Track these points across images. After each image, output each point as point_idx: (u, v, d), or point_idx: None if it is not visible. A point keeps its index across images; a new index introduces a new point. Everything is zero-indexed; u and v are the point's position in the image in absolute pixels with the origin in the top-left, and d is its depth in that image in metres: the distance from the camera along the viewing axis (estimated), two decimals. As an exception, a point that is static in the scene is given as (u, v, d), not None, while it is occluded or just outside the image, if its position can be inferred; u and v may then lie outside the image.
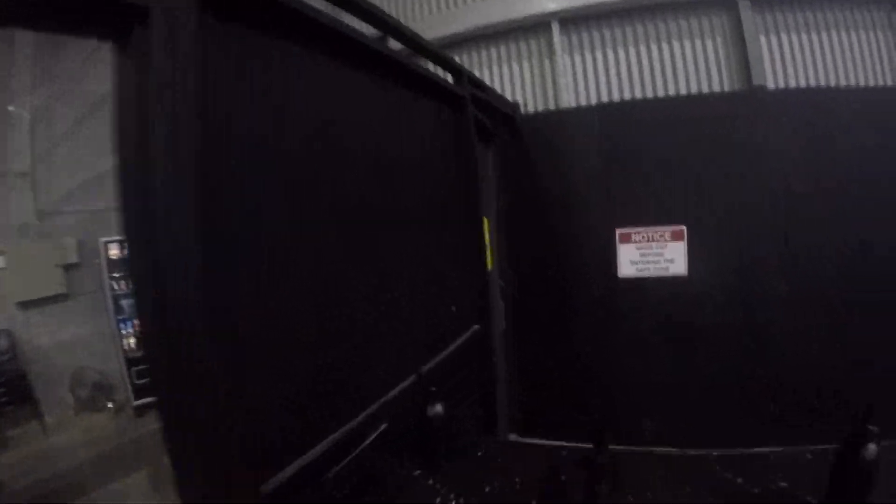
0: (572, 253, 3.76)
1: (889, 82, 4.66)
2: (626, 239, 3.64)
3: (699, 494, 1.46)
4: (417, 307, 2.20)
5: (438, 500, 1.71)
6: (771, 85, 3.98)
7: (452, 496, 1.69)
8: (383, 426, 1.76)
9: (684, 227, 3.54)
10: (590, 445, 1.97)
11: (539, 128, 3.81)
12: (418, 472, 1.75)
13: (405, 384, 2.01)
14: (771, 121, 3.48)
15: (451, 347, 2.46)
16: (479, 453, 2.28)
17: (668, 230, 3.57)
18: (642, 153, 3.61)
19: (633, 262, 3.65)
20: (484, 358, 2.92)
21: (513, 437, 3.58)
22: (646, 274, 3.64)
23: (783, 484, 1.48)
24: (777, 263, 3.50)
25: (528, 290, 3.79)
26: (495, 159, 3.59)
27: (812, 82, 4.20)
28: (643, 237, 3.62)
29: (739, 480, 1.47)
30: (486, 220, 3.10)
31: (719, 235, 3.55)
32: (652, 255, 3.63)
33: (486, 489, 1.81)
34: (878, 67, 4.73)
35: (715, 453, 1.62)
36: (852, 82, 4.08)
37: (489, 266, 3.15)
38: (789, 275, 3.49)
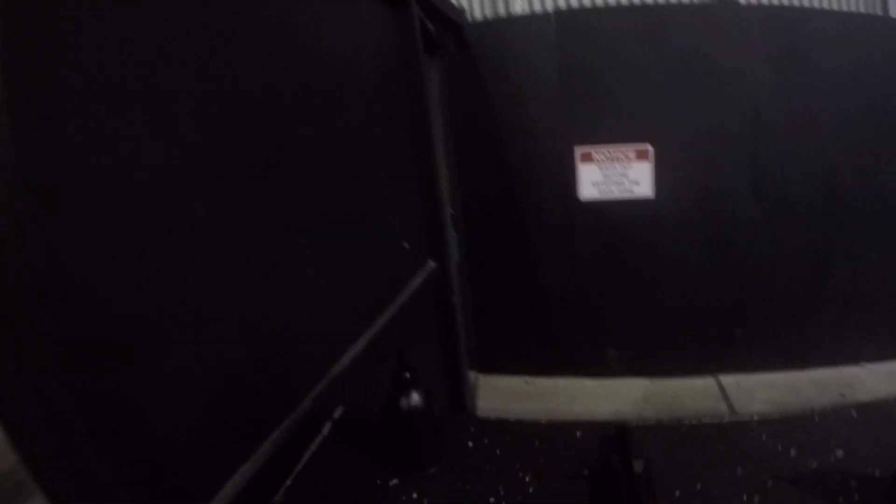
0: (528, 175, 3.48)
1: (863, 10, 4.56)
2: (588, 158, 3.37)
3: (754, 472, 1.22)
4: (362, 248, 1.84)
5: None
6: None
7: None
8: (339, 410, 1.43)
9: (649, 146, 3.30)
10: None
11: (489, 37, 3.40)
12: (395, 481, 1.39)
13: (358, 348, 1.64)
14: (742, 37, 3.25)
15: (408, 291, 2.13)
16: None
17: (632, 149, 3.33)
18: (603, 66, 3.29)
19: (595, 184, 3.40)
20: (442, 297, 2.60)
21: (472, 374, 3.37)
22: (609, 196, 3.40)
23: (839, 453, 1.23)
24: (746, 185, 3.38)
25: (481, 217, 3.50)
26: (440, 73, 3.18)
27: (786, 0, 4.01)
28: (605, 156, 3.36)
29: (793, 452, 1.21)
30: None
31: (686, 156, 3.36)
32: (616, 175, 3.38)
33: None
34: None
35: (755, 418, 1.37)
36: (827, 5, 3.93)
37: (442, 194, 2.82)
38: (758, 196, 3.37)
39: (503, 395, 3.43)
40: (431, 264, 2.51)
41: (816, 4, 4.03)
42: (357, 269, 1.77)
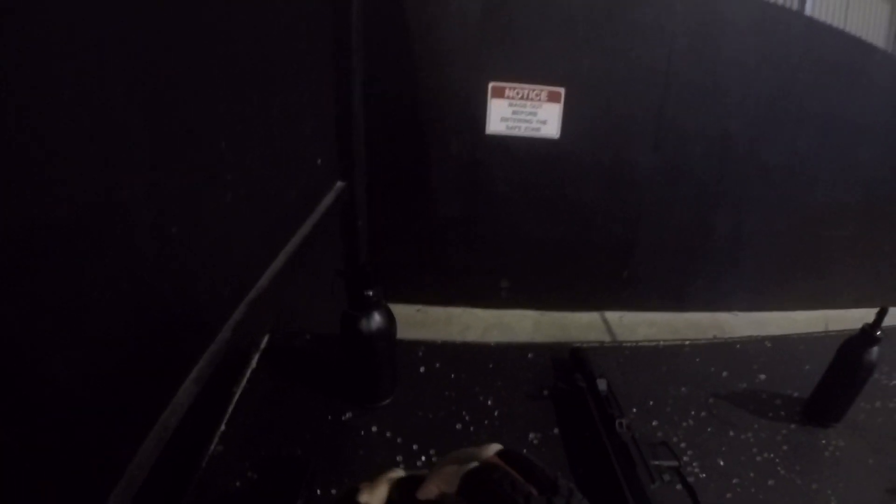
0: (438, 104, 3.37)
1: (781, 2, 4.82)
2: (500, 94, 3.32)
3: (696, 391, 1.30)
4: (278, 162, 1.69)
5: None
6: None
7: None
8: (265, 339, 1.30)
9: (562, 90, 3.31)
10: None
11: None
12: (348, 415, 1.24)
13: (276, 268, 1.51)
14: (665, 3, 3.35)
15: (320, 210, 2.01)
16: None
17: (545, 90, 3.31)
18: (526, 5, 3.22)
19: (504, 119, 3.37)
20: (350, 219, 2.49)
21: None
22: (515, 133, 3.40)
23: (762, 377, 1.44)
24: (649, 137, 3.54)
25: (385, 142, 3.38)
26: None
27: None
28: (518, 94, 3.32)
29: (724, 374, 1.31)
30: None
31: (597, 103, 3.42)
32: (525, 113, 3.37)
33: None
34: None
35: (687, 343, 1.44)
36: None
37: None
38: (657, 149, 3.53)
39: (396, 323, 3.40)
40: (340, 184, 2.39)
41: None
42: (273, 182, 1.63)
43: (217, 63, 1.22)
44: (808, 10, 6.05)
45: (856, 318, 1.34)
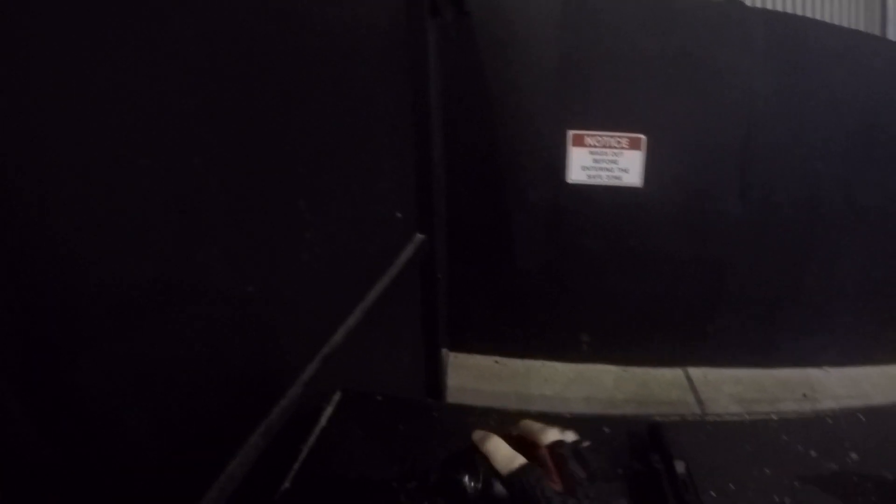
0: (517, 153, 3.36)
1: (863, 27, 4.63)
2: (580, 142, 3.29)
3: (781, 473, 1.21)
4: (357, 216, 1.72)
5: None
6: (748, 2, 3.68)
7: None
8: (337, 395, 1.31)
9: (643, 136, 3.25)
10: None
11: (490, 8, 3.26)
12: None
13: (351, 323, 1.53)
14: (744, 39, 3.22)
15: (399, 263, 2.02)
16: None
17: (625, 137, 3.26)
18: (605, 52, 3.20)
19: (585, 168, 3.33)
20: (429, 272, 2.50)
21: (443, 352, 3.31)
22: (597, 182, 3.34)
23: (854, 456, 1.23)
24: (734, 184, 3.37)
25: (465, 191, 3.40)
26: (437, 39, 3.04)
27: (790, 9, 3.99)
28: (598, 142, 3.28)
29: (813, 454, 1.20)
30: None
31: (678, 150, 3.32)
32: (606, 161, 3.31)
33: None
34: (855, 8, 4.60)
35: (775, 418, 1.34)
36: (828, 18, 3.94)
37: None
38: (744, 197, 3.38)
39: (473, 374, 3.39)
40: (420, 237, 2.41)
41: (819, 16, 4.04)
42: (351, 238, 1.66)
43: (296, 123, 1.26)
44: (890, 35, 5.73)
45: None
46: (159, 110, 0.78)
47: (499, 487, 0.68)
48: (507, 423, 0.91)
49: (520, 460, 0.69)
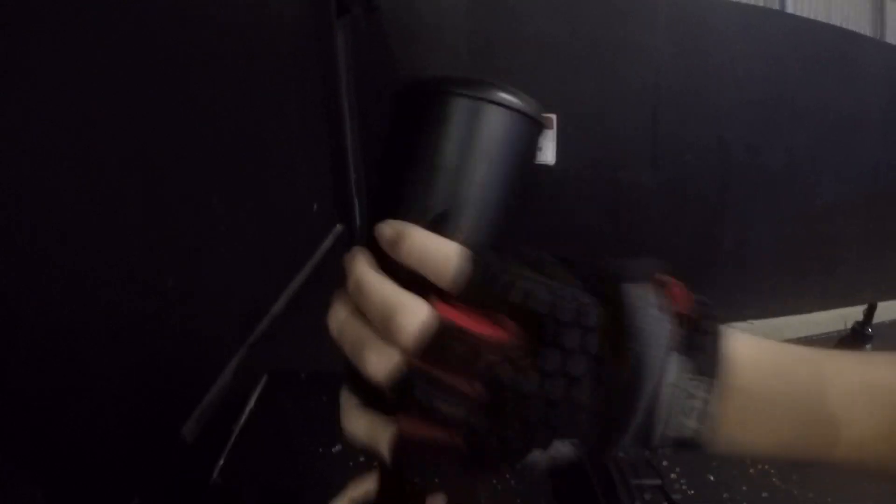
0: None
1: (762, 3, 4.89)
2: (494, 125, 3.39)
3: None
4: (273, 209, 1.78)
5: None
6: None
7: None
8: (264, 379, 1.39)
9: (555, 116, 3.38)
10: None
11: (399, 5, 3.33)
12: (338, 447, 1.30)
13: (275, 311, 1.61)
14: (649, 20, 3.44)
15: (319, 254, 2.09)
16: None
17: (538, 117, 3.38)
18: (514, 37, 3.32)
19: (500, 150, 3.43)
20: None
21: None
22: (511, 162, 3.45)
23: None
24: (646, 155, 3.56)
25: (383, 180, 3.45)
26: (346, 38, 3.09)
27: None
28: (511, 123, 3.39)
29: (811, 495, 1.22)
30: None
31: (589, 126, 3.48)
32: (520, 142, 3.42)
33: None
34: None
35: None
36: None
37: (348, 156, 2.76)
38: (656, 166, 3.56)
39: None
40: (339, 228, 2.48)
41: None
42: (269, 231, 1.72)
43: (205, 125, 1.32)
44: (789, 8, 6.13)
45: (881, 313, 1.29)
46: (69, 112, 0.84)
47: None
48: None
49: None
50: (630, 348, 0.40)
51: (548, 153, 3.44)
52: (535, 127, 0.53)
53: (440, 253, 0.43)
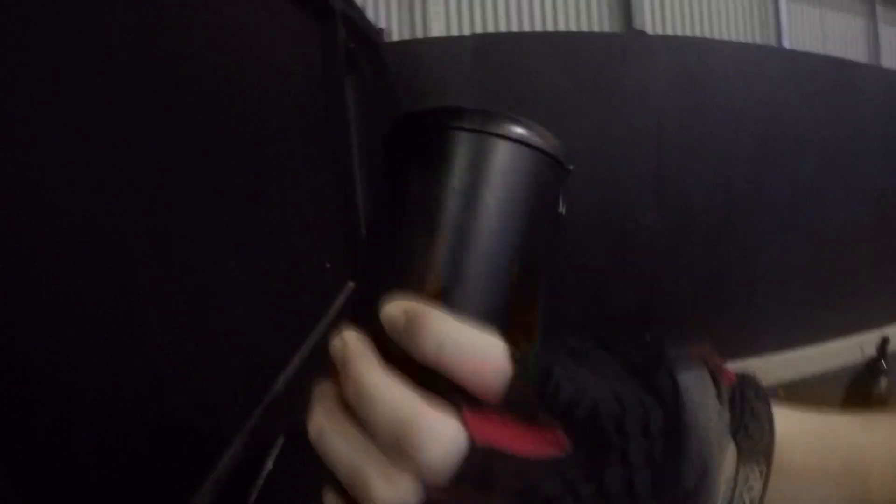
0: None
1: (759, 40, 5.01)
2: (499, 173, 3.43)
3: None
4: (286, 269, 1.80)
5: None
6: (650, 30, 4.01)
7: None
8: (280, 440, 1.38)
9: (559, 162, 3.42)
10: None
11: (406, 58, 3.43)
12: None
13: (289, 372, 1.61)
14: (648, 64, 3.51)
15: (333, 312, 2.10)
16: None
17: (543, 166, 3.42)
18: (516, 87, 3.40)
19: (507, 198, 3.46)
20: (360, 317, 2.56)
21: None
22: (519, 211, 3.48)
23: None
24: (650, 197, 3.57)
25: (372, 242, 3.48)
26: (355, 93, 3.16)
27: (689, 32, 4.30)
28: (516, 171, 3.43)
29: None
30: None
31: (595, 172, 3.52)
32: (526, 189, 3.46)
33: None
34: (751, 24, 4.95)
35: None
36: (727, 36, 4.25)
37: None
38: (661, 207, 3.57)
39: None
40: (351, 285, 2.49)
41: (717, 34, 4.35)
42: (283, 291, 1.73)
43: (219, 185, 1.34)
44: (785, 42, 6.26)
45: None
46: (96, 181, 0.86)
47: None
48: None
49: None
50: (696, 451, 0.34)
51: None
52: (557, 167, 0.46)
53: (476, 350, 0.34)
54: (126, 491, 0.89)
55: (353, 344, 0.39)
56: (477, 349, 0.34)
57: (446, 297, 0.37)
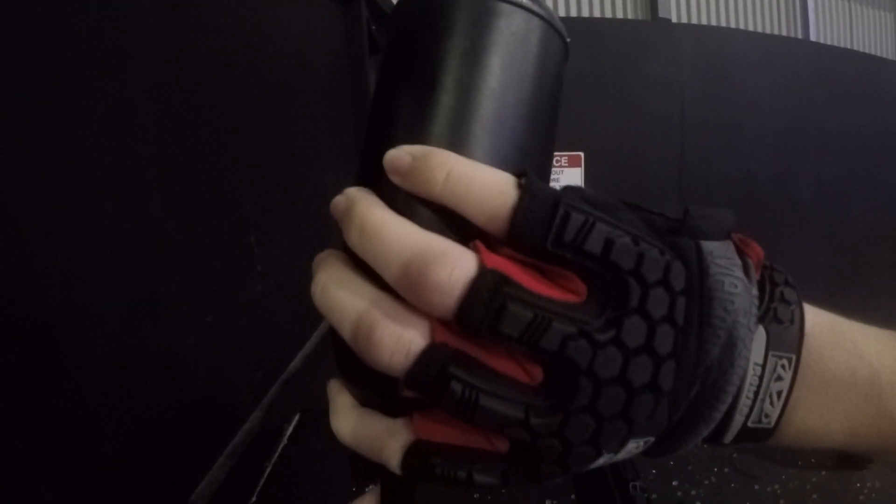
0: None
1: (785, 32, 4.95)
2: (520, 164, 3.43)
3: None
4: (306, 248, 1.82)
5: None
6: (674, 19, 3.97)
7: None
8: (297, 416, 1.42)
9: (581, 154, 3.41)
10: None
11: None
12: (371, 488, 1.32)
13: (308, 349, 1.63)
14: (672, 53, 3.49)
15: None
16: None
17: (565, 155, 3.41)
18: (539, 75, 3.38)
19: (528, 188, 3.46)
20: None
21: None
22: (541, 201, 3.47)
23: None
24: (672, 189, 3.54)
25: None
26: (376, 77, 3.15)
27: (714, 22, 4.25)
28: (539, 162, 3.43)
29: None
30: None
31: (616, 162, 3.49)
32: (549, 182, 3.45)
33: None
34: (777, 15, 4.87)
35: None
36: (752, 27, 4.20)
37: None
38: (683, 200, 3.54)
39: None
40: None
41: (742, 26, 4.31)
42: (302, 269, 1.75)
43: (242, 165, 1.36)
44: (812, 36, 6.16)
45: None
46: (120, 155, 0.88)
47: None
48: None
49: None
50: (720, 319, 0.31)
51: (575, 189, 3.44)
52: (560, 41, 0.42)
53: (488, 182, 0.32)
54: (145, 463, 0.92)
55: (355, 192, 0.36)
56: (486, 175, 0.32)
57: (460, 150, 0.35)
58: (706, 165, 3.62)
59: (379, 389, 0.34)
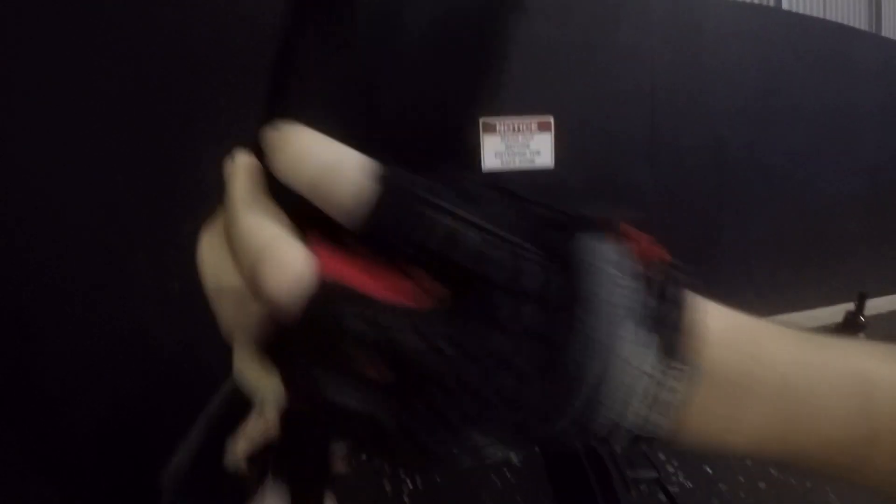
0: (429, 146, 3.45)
1: (757, 0, 4.93)
2: (491, 129, 3.39)
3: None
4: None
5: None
6: None
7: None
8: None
9: (551, 118, 3.38)
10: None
11: (389, 3, 3.32)
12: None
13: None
14: (644, 20, 3.47)
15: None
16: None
17: (534, 120, 3.38)
18: (508, 45, 3.32)
19: (498, 155, 3.44)
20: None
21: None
22: (511, 166, 3.45)
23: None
24: (642, 155, 3.56)
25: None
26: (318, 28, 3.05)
27: None
28: (509, 127, 3.39)
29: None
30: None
31: (586, 127, 3.48)
32: (518, 146, 3.42)
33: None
34: None
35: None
36: None
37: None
38: (654, 166, 3.55)
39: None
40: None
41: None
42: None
43: (209, 136, 1.32)
44: (784, 5, 6.14)
45: (878, 306, 1.28)
46: (86, 133, 0.84)
47: None
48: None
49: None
50: (580, 321, 0.29)
51: (546, 156, 3.43)
52: None
53: (332, 164, 0.30)
54: (117, 440, 0.90)
55: (237, 168, 0.34)
56: (339, 158, 0.30)
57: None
58: (676, 132, 3.63)
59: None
